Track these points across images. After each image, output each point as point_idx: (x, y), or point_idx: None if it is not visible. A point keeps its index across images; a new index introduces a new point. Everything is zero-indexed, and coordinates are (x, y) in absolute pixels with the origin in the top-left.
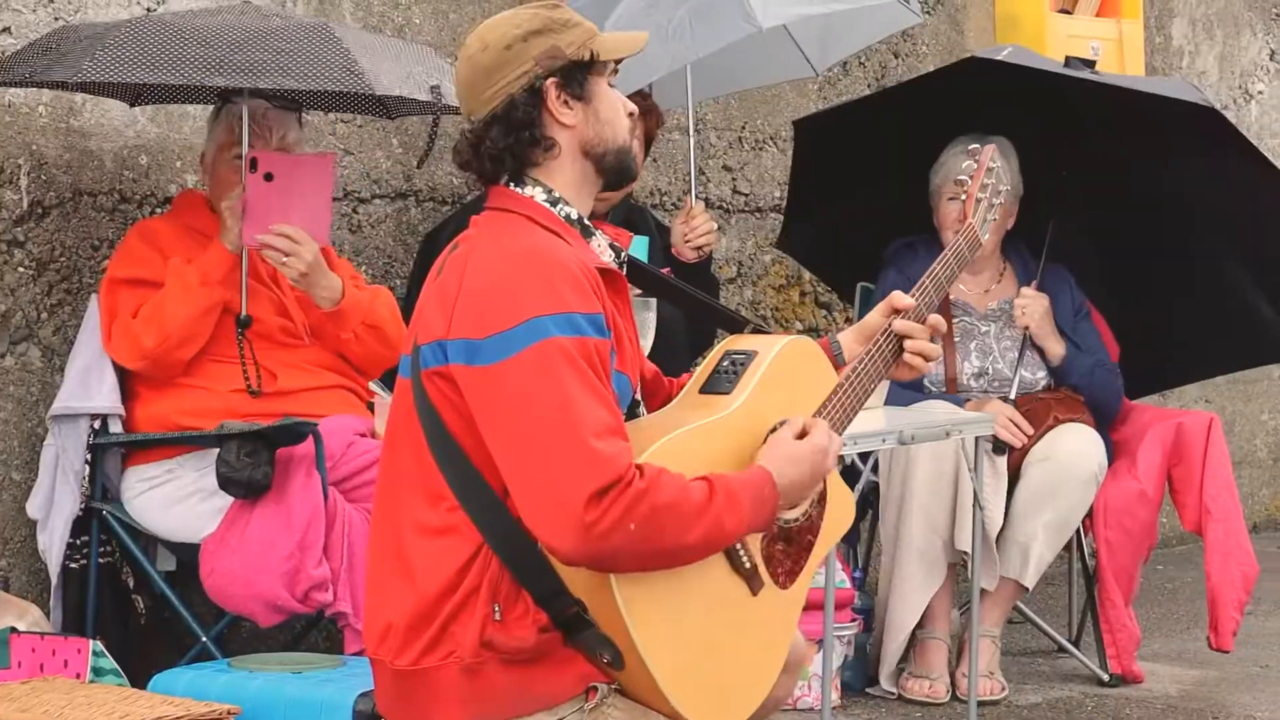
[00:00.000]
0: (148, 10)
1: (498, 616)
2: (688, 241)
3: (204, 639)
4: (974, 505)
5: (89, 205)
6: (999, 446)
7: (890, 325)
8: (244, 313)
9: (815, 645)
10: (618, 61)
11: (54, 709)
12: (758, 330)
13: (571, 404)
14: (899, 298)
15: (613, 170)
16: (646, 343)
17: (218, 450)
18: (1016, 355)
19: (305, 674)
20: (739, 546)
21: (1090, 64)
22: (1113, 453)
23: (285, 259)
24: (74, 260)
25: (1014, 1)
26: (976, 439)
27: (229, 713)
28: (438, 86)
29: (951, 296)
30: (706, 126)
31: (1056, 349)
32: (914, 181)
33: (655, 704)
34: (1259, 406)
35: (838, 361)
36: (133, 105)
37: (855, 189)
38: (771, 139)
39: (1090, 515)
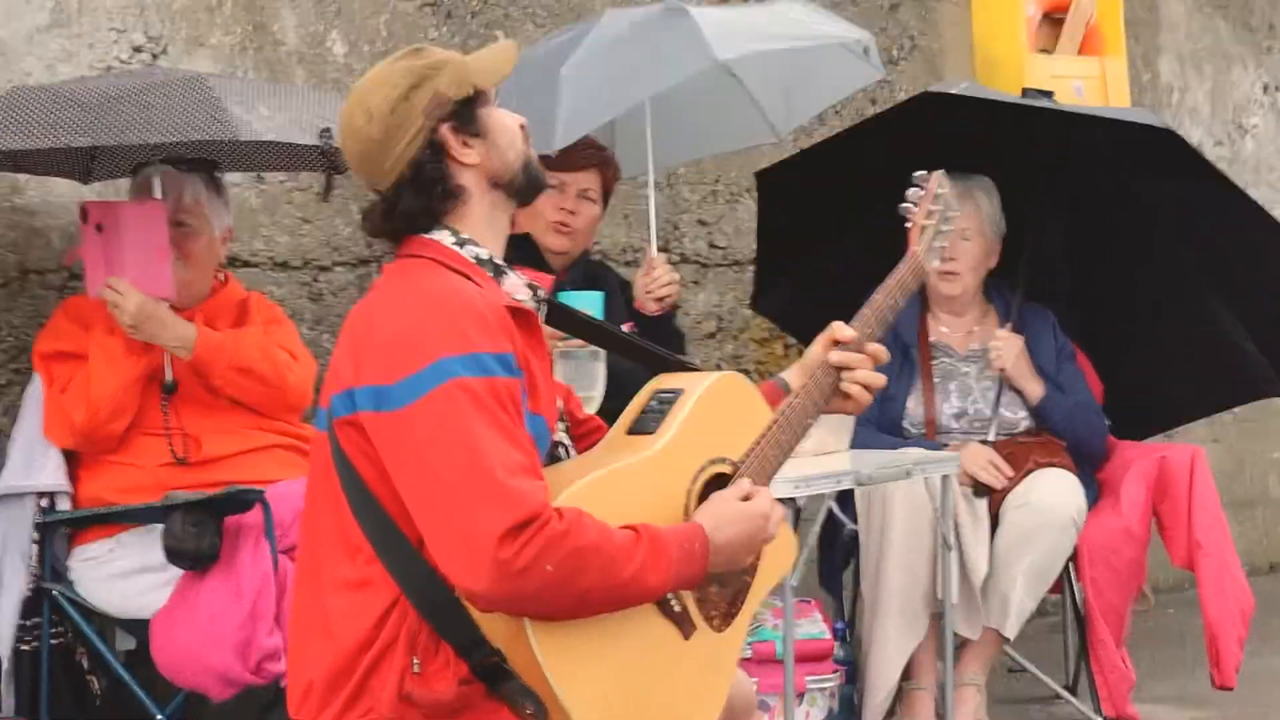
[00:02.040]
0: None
1: (416, 669)
2: (649, 294)
3: (159, 717)
4: (941, 548)
5: (37, 284)
6: (979, 490)
7: (828, 358)
8: (169, 378)
9: (797, 698)
10: None
11: None
12: (687, 368)
13: (479, 444)
14: (839, 329)
15: (523, 189)
16: (597, 393)
17: (159, 525)
18: (995, 396)
19: None
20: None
21: (1048, 94)
22: (1097, 490)
23: (115, 310)
24: (21, 340)
25: (993, 44)
26: (943, 479)
27: None
28: (329, 130)
29: (931, 338)
30: (679, 181)
31: (1035, 390)
32: (887, 226)
33: None
34: (1270, 445)
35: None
36: (85, 183)
37: (826, 240)
38: (747, 191)
39: (1075, 556)
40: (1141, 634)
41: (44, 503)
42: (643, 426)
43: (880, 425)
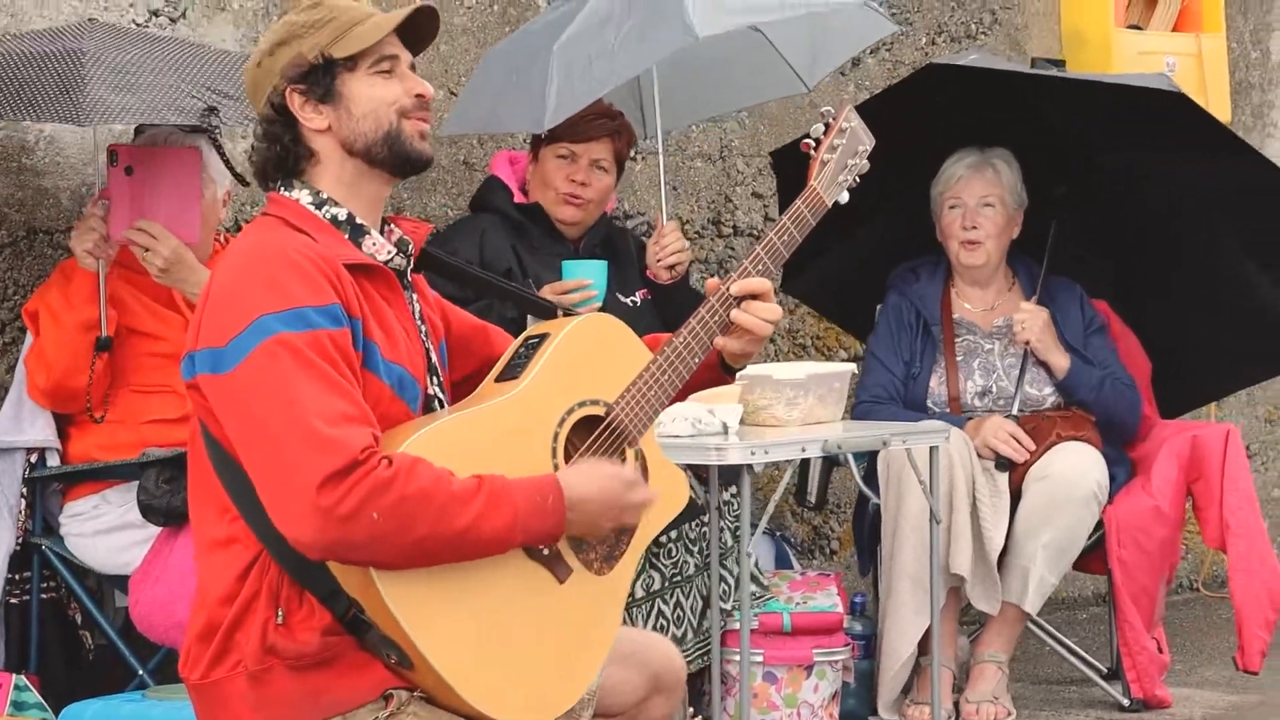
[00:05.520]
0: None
1: (280, 620)
2: (660, 262)
3: (140, 672)
4: (930, 520)
5: (45, 243)
6: (1001, 463)
7: (724, 290)
8: (104, 333)
9: (804, 670)
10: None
11: None
12: (568, 314)
13: (298, 397)
14: (712, 284)
15: (388, 160)
16: None
17: None
18: (1019, 371)
19: None
20: None
21: (1059, 64)
22: (1132, 469)
23: (145, 254)
24: (28, 299)
25: (1079, 18)
26: (931, 450)
27: None
28: (214, 110)
29: (955, 315)
30: (734, 153)
31: (1060, 362)
32: (913, 205)
33: (457, 705)
34: None
35: None
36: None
37: (850, 219)
38: None
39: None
40: (1207, 619)
41: (33, 458)
42: (510, 373)
43: (906, 403)
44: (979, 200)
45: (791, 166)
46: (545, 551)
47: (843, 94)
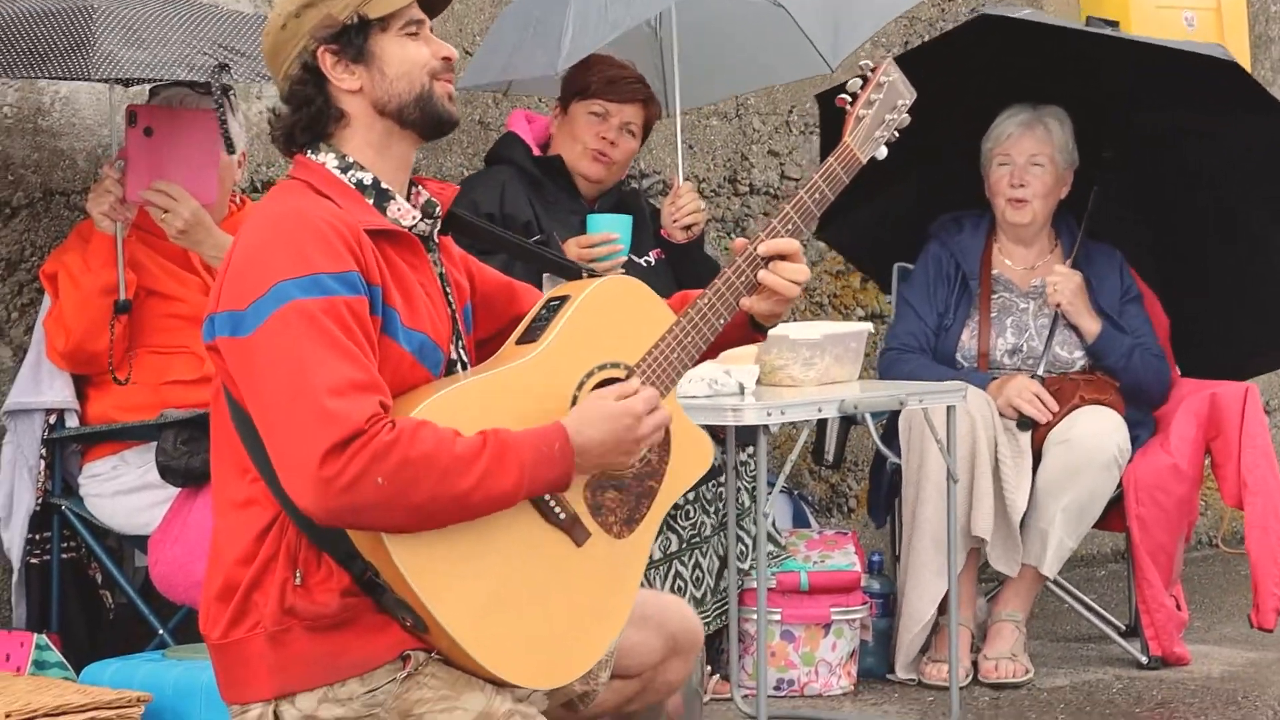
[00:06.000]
0: None
1: (298, 581)
2: (675, 222)
3: (161, 631)
4: (948, 480)
5: (61, 205)
6: (1024, 422)
7: (751, 250)
8: (122, 296)
9: (822, 629)
10: (432, 12)
11: None
12: (591, 276)
13: (307, 364)
14: (739, 243)
15: (419, 122)
16: None
17: None
18: (1049, 332)
19: None
20: (548, 497)
21: (1113, 23)
22: (1155, 429)
23: (164, 215)
24: (45, 260)
25: None
26: (949, 409)
27: (139, 700)
28: (226, 67)
29: (994, 271)
30: (750, 111)
31: (1091, 327)
32: (956, 159)
33: (473, 668)
34: None
35: None
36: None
37: (893, 169)
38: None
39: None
40: (1226, 576)
41: (52, 419)
42: (530, 335)
43: (936, 356)
44: (1028, 158)
45: (835, 112)
46: (562, 515)
47: (859, 52)
